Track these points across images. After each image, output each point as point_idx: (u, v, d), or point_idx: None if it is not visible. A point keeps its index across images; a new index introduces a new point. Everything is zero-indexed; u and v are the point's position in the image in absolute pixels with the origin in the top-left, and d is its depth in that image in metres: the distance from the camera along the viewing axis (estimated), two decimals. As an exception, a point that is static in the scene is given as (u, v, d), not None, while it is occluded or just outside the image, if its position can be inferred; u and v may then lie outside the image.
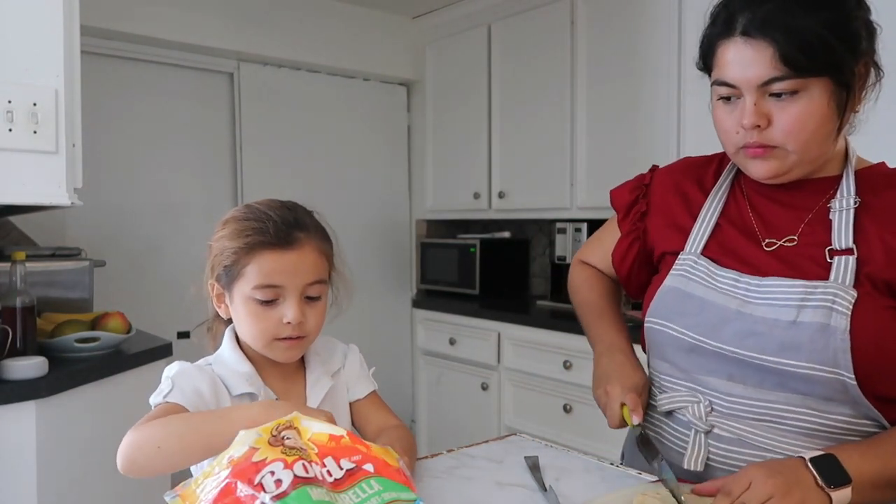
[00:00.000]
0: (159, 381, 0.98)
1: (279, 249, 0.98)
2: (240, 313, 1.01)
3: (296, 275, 0.99)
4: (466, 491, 0.97)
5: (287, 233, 0.99)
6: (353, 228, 3.55)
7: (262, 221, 0.99)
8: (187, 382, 0.97)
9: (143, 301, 2.73)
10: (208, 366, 1.04)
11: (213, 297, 1.05)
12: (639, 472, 1.04)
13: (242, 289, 0.99)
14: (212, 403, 0.97)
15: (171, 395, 0.94)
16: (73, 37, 1.68)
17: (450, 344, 3.23)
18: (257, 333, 1.00)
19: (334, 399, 1.10)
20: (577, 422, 2.61)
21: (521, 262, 3.59)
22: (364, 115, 3.62)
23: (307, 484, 0.70)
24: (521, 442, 1.20)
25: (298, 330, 0.99)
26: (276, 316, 0.98)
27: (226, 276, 1.01)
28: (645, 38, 2.65)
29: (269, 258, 0.97)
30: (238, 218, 1.02)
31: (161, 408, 0.93)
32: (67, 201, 1.63)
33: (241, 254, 0.98)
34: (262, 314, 0.98)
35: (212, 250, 1.03)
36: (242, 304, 1.00)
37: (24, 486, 1.55)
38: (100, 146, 2.63)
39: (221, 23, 3.03)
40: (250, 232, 0.98)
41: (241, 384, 1.01)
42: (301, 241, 1.00)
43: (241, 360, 1.04)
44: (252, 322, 0.99)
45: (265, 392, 1.03)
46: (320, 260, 1.03)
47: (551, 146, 3.03)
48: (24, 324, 1.69)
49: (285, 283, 0.98)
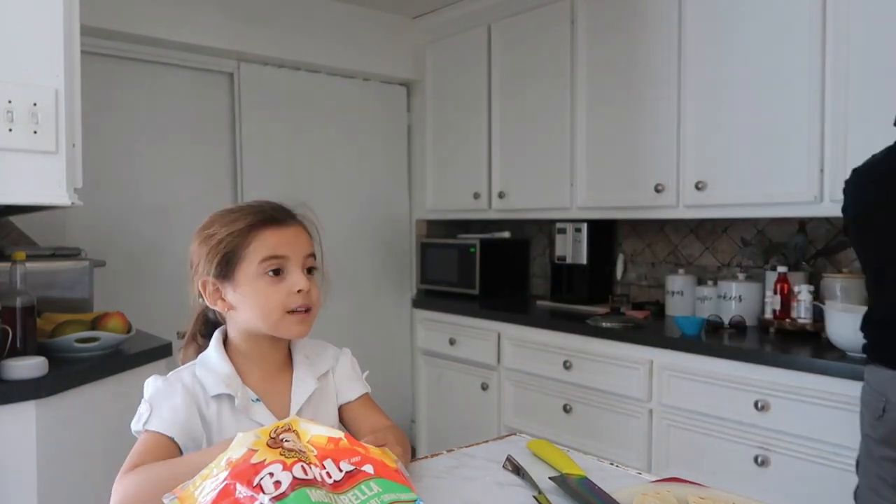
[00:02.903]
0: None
1: (278, 225, 1.05)
2: (248, 295, 1.03)
3: (296, 246, 1.05)
4: (466, 491, 0.97)
5: (282, 211, 1.07)
6: (353, 228, 3.55)
7: (256, 206, 1.07)
8: (163, 402, 1.00)
9: (143, 301, 2.73)
10: (187, 369, 1.06)
11: (206, 297, 1.05)
12: (638, 472, 1.04)
13: (248, 270, 1.02)
14: (191, 411, 1.00)
15: (150, 421, 0.98)
16: (73, 37, 1.68)
17: (450, 344, 3.23)
18: (270, 308, 1.03)
19: (320, 402, 1.11)
20: (577, 422, 2.61)
21: (521, 262, 3.59)
22: (364, 115, 3.62)
23: (306, 485, 0.70)
24: (521, 442, 1.20)
25: (307, 299, 1.04)
26: (285, 288, 1.03)
27: (226, 266, 1.03)
28: (645, 37, 2.65)
29: (271, 233, 1.04)
30: (225, 213, 1.07)
31: (143, 443, 0.96)
32: (67, 201, 1.63)
33: (241, 236, 1.03)
34: (271, 288, 1.03)
35: (202, 247, 1.05)
36: (250, 283, 1.03)
37: (24, 486, 1.55)
38: (100, 146, 2.63)
39: (221, 23, 3.03)
40: (248, 215, 1.05)
41: (219, 385, 1.03)
42: (293, 221, 1.08)
43: (223, 361, 1.05)
44: (263, 298, 1.03)
45: (243, 392, 1.04)
46: (311, 240, 1.09)
47: (551, 146, 3.03)
48: (24, 324, 1.69)
49: (288, 254, 1.04)
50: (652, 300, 2.98)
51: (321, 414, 1.09)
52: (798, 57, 2.21)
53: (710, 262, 2.85)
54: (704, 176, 2.47)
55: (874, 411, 1.51)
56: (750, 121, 2.34)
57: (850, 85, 2.09)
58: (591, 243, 3.02)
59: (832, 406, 1.89)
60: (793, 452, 1.99)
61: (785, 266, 2.39)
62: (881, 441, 1.51)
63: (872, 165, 1.60)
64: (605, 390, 2.50)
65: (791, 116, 2.23)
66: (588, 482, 0.96)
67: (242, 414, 1.02)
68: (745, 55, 2.35)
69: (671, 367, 2.31)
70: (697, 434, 2.24)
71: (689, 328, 2.35)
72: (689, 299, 2.71)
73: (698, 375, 2.23)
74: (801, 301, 2.27)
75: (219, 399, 1.02)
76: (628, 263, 3.16)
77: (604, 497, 0.90)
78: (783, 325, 2.31)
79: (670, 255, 2.99)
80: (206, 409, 1.02)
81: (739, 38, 2.36)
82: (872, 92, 2.02)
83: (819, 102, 2.16)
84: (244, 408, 1.03)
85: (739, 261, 2.74)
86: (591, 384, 2.54)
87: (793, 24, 2.22)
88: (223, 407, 1.03)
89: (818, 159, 2.17)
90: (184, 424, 0.98)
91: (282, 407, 1.06)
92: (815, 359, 1.96)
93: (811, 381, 1.95)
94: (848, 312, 1.95)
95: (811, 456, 1.95)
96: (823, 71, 2.15)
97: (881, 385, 1.51)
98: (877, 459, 1.52)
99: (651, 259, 3.07)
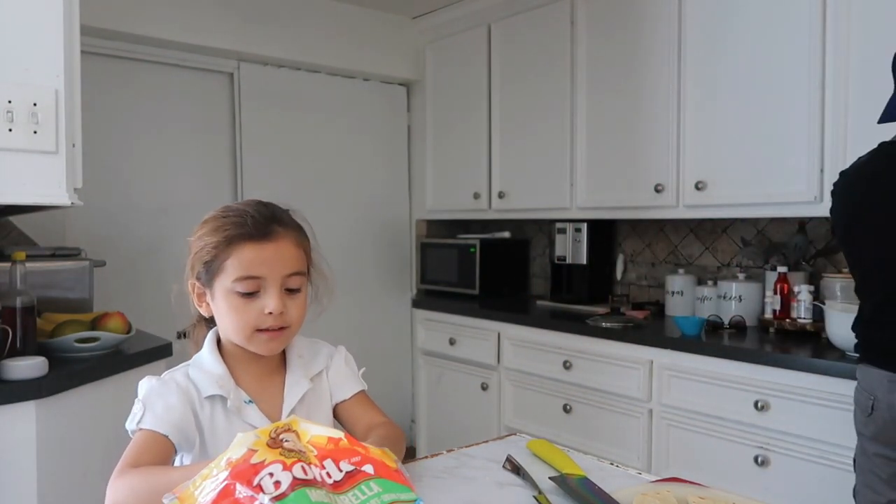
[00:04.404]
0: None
1: (258, 241, 1.00)
2: (221, 308, 1.02)
3: (275, 266, 1.01)
4: (466, 491, 0.97)
5: (265, 225, 1.02)
6: (353, 228, 3.55)
7: (240, 216, 1.02)
8: (157, 401, 0.99)
9: (143, 301, 2.72)
10: (181, 370, 1.06)
11: (193, 297, 1.06)
12: (638, 472, 1.04)
13: (223, 283, 1.01)
14: (185, 411, 1.00)
15: (144, 420, 0.97)
16: (73, 37, 1.68)
17: (450, 344, 3.23)
18: (240, 326, 1.01)
19: (313, 402, 1.10)
20: (577, 422, 2.61)
21: (520, 262, 3.59)
22: (364, 115, 3.62)
23: (306, 485, 0.70)
24: (521, 442, 1.20)
25: (280, 320, 1.01)
26: (258, 308, 1.00)
27: (206, 273, 1.02)
28: (645, 37, 2.65)
29: (249, 250, 1.00)
30: (216, 216, 1.04)
31: (138, 441, 0.96)
32: (67, 201, 1.63)
33: (220, 248, 1.00)
34: (243, 306, 1.00)
35: (191, 249, 1.05)
36: (224, 298, 1.01)
37: (24, 486, 1.55)
38: (100, 146, 2.63)
39: (221, 23, 3.03)
40: (229, 227, 1.01)
41: (212, 386, 1.03)
42: (279, 233, 1.02)
43: (216, 361, 1.05)
44: (234, 315, 1.01)
45: (236, 393, 1.04)
46: (298, 253, 1.05)
47: (551, 146, 3.03)
48: (24, 324, 1.69)
49: (265, 274, 1.00)
50: (652, 300, 2.99)
51: (314, 414, 1.09)
52: (798, 57, 2.21)
53: (710, 262, 2.85)
54: (704, 176, 2.47)
55: (864, 409, 1.55)
56: (750, 121, 2.34)
57: (850, 85, 2.09)
58: (591, 243, 3.02)
59: (832, 406, 1.89)
60: (793, 452, 1.99)
61: (785, 266, 2.39)
62: (872, 438, 1.54)
63: (859, 168, 1.63)
64: (605, 390, 2.50)
65: (791, 116, 2.23)
66: (588, 482, 0.96)
67: (235, 415, 1.02)
68: (744, 55, 2.35)
69: (671, 367, 2.31)
70: (697, 434, 2.24)
71: (689, 328, 2.35)
72: (689, 299, 2.71)
73: (698, 375, 2.23)
74: (801, 301, 2.27)
75: (212, 400, 1.03)
76: (628, 263, 3.16)
77: (604, 497, 0.90)
78: (783, 325, 2.31)
79: (670, 255, 2.99)
80: (200, 409, 1.02)
81: (739, 38, 2.36)
82: (872, 92, 2.02)
83: (819, 102, 2.16)
84: (237, 409, 1.03)
85: (739, 261, 2.74)
86: (591, 384, 2.54)
87: (793, 23, 2.22)
88: (216, 408, 1.03)
89: (818, 159, 2.17)
90: (178, 423, 0.98)
91: (274, 408, 1.06)
92: (815, 359, 1.96)
93: (811, 381, 1.95)
94: (848, 312, 1.94)
95: (811, 456, 1.95)
96: (823, 71, 2.15)
97: (870, 384, 1.54)
98: (870, 456, 1.55)
99: (651, 259, 3.07)
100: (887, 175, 1.54)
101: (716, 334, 2.36)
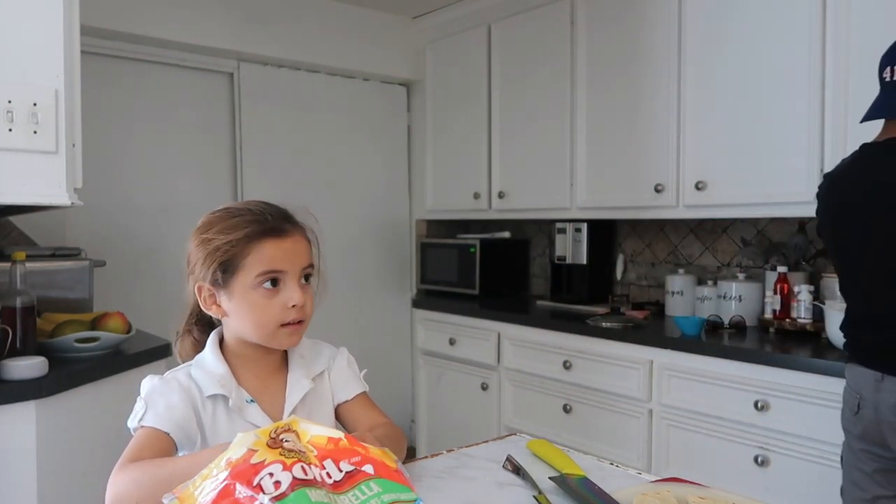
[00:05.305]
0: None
1: (278, 237, 1.02)
2: (241, 307, 1.02)
3: (294, 259, 1.03)
4: (466, 491, 0.97)
5: (282, 221, 1.04)
6: (353, 228, 3.55)
7: (258, 214, 1.03)
8: (159, 399, 1.00)
9: (143, 301, 2.72)
10: (183, 369, 1.06)
11: (201, 300, 1.05)
12: (638, 472, 1.04)
13: (244, 281, 1.01)
14: (187, 410, 1.00)
15: (146, 417, 0.98)
16: (73, 37, 1.68)
17: (450, 344, 3.23)
18: (263, 322, 1.02)
19: (314, 402, 1.11)
20: (577, 422, 2.61)
21: (520, 262, 3.59)
22: (364, 115, 3.62)
23: (306, 486, 0.70)
24: (521, 442, 1.20)
25: (301, 313, 1.03)
26: (280, 302, 1.02)
27: (222, 273, 1.01)
28: (645, 37, 2.65)
29: (270, 246, 1.01)
30: (224, 216, 1.04)
31: (139, 438, 0.96)
32: (67, 201, 1.63)
33: (240, 246, 1.00)
34: (266, 303, 1.01)
35: (199, 251, 1.03)
36: (245, 296, 1.01)
37: (24, 486, 1.55)
38: (100, 146, 2.63)
39: (221, 23, 3.03)
40: (247, 224, 1.02)
41: (213, 386, 1.03)
42: (293, 229, 1.05)
43: (218, 361, 1.05)
44: (258, 312, 1.02)
45: (237, 393, 1.04)
46: (309, 247, 1.07)
47: (551, 146, 3.03)
48: (24, 324, 1.69)
49: (286, 268, 1.02)
50: (652, 300, 2.99)
51: (316, 414, 1.09)
52: (798, 57, 2.21)
53: (710, 262, 2.85)
54: (704, 176, 2.47)
55: (852, 408, 1.57)
56: (750, 121, 2.34)
57: (849, 85, 2.09)
58: (590, 243, 3.02)
59: (832, 406, 1.89)
60: (793, 452, 1.99)
61: (785, 266, 2.39)
62: (859, 437, 1.57)
63: (843, 170, 1.65)
64: (605, 390, 2.50)
65: (791, 117, 2.23)
66: (588, 482, 0.96)
67: (236, 414, 1.03)
68: (745, 55, 2.35)
69: (671, 367, 2.31)
70: (697, 434, 2.24)
71: (688, 328, 2.35)
72: (689, 299, 2.71)
73: (698, 375, 2.23)
74: (801, 301, 2.27)
75: (214, 399, 1.03)
76: (628, 263, 3.16)
77: (604, 497, 0.90)
78: (783, 325, 2.31)
79: (670, 255, 2.99)
80: (202, 409, 1.02)
81: (739, 38, 2.36)
82: (872, 92, 2.02)
83: (819, 102, 2.16)
84: (238, 408, 1.03)
85: (739, 261, 2.74)
86: (591, 384, 2.54)
87: (793, 23, 2.22)
88: (218, 407, 1.03)
89: (818, 159, 2.17)
90: (179, 421, 0.99)
91: (276, 408, 1.06)
92: (815, 359, 1.96)
93: (811, 381, 1.95)
94: (848, 312, 1.95)
95: (811, 456, 1.95)
96: (823, 71, 2.15)
97: (857, 383, 1.57)
98: (856, 452, 1.58)
99: (651, 259, 3.07)
100: (869, 176, 1.56)
101: (716, 334, 2.36)
